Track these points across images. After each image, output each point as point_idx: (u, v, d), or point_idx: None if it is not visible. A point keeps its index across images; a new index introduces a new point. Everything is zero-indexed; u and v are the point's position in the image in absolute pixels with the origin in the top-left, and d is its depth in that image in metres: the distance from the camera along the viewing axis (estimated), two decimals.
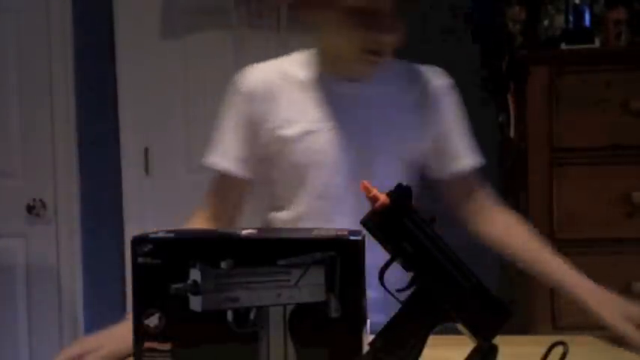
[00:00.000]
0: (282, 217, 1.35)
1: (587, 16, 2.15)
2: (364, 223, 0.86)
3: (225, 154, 1.34)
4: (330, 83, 1.30)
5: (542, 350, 0.90)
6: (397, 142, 1.30)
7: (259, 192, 1.37)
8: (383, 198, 0.86)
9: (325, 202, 1.28)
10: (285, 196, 1.33)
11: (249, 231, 0.96)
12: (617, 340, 1.15)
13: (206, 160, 1.38)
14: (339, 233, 0.92)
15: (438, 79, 1.36)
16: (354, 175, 1.25)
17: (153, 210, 2.74)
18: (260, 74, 1.33)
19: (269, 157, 1.32)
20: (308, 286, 0.89)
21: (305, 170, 1.28)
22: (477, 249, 1.59)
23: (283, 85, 1.30)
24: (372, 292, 0.90)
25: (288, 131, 1.28)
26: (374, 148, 1.28)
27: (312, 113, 1.28)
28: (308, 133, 1.27)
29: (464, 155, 1.37)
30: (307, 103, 1.28)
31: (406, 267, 0.87)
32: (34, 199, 2.77)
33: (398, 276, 0.87)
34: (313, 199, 1.28)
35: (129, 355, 0.96)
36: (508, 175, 2.38)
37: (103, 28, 2.76)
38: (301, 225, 1.30)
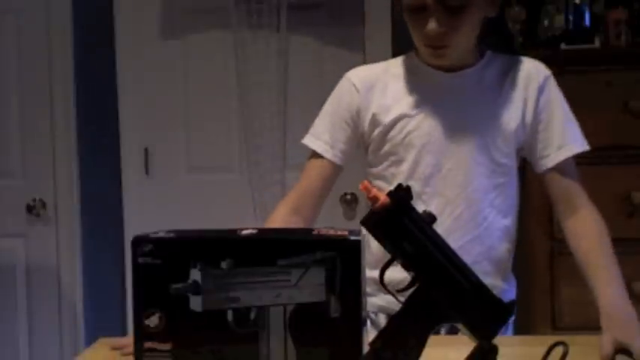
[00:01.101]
0: None
1: (587, 16, 2.15)
2: (364, 223, 0.86)
3: (328, 141, 1.40)
4: (427, 73, 1.37)
5: (542, 350, 0.90)
6: (488, 128, 1.34)
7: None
8: (383, 198, 0.86)
9: (415, 182, 1.33)
10: (380, 177, 1.39)
11: (249, 231, 0.96)
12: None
13: (307, 142, 1.42)
14: (339, 233, 0.93)
15: (535, 70, 1.39)
16: (443, 157, 1.33)
17: (153, 210, 2.74)
18: (365, 70, 1.43)
19: (369, 143, 1.39)
20: (308, 286, 0.89)
21: (398, 151, 1.35)
22: None
23: (384, 78, 1.39)
24: None
25: (386, 117, 1.36)
26: (464, 133, 1.33)
27: (408, 100, 1.36)
28: (402, 117, 1.35)
29: (556, 148, 1.38)
30: (404, 91, 1.37)
31: (406, 267, 0.87)
32: (34, 199, 2.77)
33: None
34: (404, 178, 1.34)
35: None
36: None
37: (103, 28, 2.76)
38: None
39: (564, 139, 1.39)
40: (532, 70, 1.38)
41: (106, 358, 1.17)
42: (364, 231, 0.88)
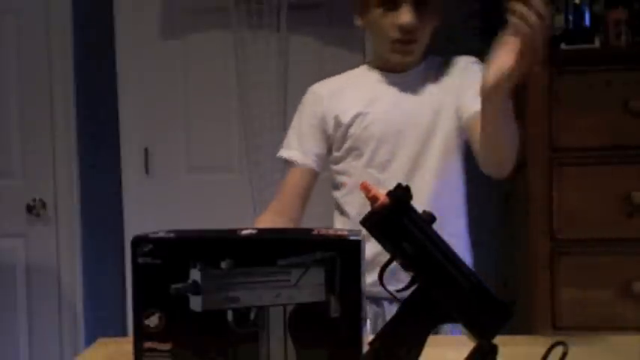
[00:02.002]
0: (341, 193, 1.56)
1: (587, 16, 2.15)
2: (364, 223, 0.86)
3: (298, 149, 1.56)
4: (378, 75, 1.55)
5: (542, 350, 0.90)
6: (434, 116, 1.48)
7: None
8: (383, 198, 0.86)
9: (373, 169, 1.49)
10: (343, 172, 1.55)
11: (249, 231, 0.96)
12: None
13: (281, 153, 1.59)
14: (339, 233, 0.93)
15: (466, 60, 1.54)
16: (398, 146, 1.49)
17: (153, 210, 2.74)
18: (326, 82, 1.62)
19: (334, 143, 1.55)
20: (308, 286, 0.89)
21: (358, 145, 1.51)
22: (477, 249, 1.60)
23: (343, 86, 1.57)
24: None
25: (346, 117, 1.52)
26: (414, 122, 1.49)
27: (363, 100, 1.52)
28: (359, 115, 1.51)
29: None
30: (360, 93, 1.54)
31: (406, 267, 0.87)
32: (34, 199, 2.77)
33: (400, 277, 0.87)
34: (365, 167, 1.50)
35: None
36: (508, 174, 2.38)
37: (103, 28, 2.76)
38: (354, 193, 1.50)
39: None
40: (464, 61, 1.54)
41: (106, 358, 1.17)
42: (364, 231, 0.88)
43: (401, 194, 0.87)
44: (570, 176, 2.10)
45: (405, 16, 1.41)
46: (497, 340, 0.86)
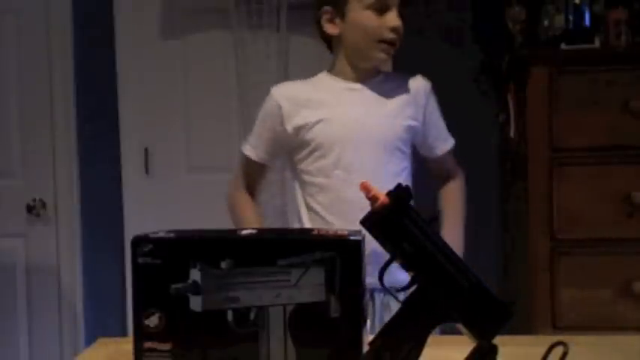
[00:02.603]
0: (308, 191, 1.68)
1: (587, 16, 2.15)
2: (364, 223, 0.86)
3: (255, 147, 1.71)
4: (338, 84, 1.66)
5: (542, 350, 0.90)
6: (390, 125, 1.63)
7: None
8: (383, 198, 0.86)
9: (340, 171, 1.60)
10: (307, 172, 1.65)
11: (249, 231, 0.96)
12: None
13: (242, 148, 1.74)
14: (339, 233, 0.93)
15: (421, 82, 1.69)
16: (360, 149, 1.60)
17: (153, 210, 2.73)
18: (288, 86, 1.74)
19: (294, 146, 1.65)
20: (308, 286, 0.89)
21: (322, 148, 1.62)
22: (478, 249, 1.60)
23: (305, 91, 1.68)
24: None
25: (308, 121, 1.62)
26: (374, 128, 1.62)
27: (326, 106, 1.63)
28: (321, 120, 1.61)
29: (443, 141, 1.73)
30: (322, 100, 1.65)
31: (406, 267, 0.87)
32: (34, 199, 2.77)
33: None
34: (331, 169, 1.61)
35: None
36: (508, 175, 2.38)
37: (103, 28, 2.76)
38: (324, 192, 1.63)
39: (446, 135, 1.73)
40: (419, 82, 1.69)
41: (106, 358, 1.17)
42: (364, 231, 0.88)
43: (401, 194, 0.87)
44: (570, 176, 2.10)
45: (396, 19, 1.55)
46: (497, 340, 0.86)
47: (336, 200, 1.60)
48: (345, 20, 1.60)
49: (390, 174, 1.59)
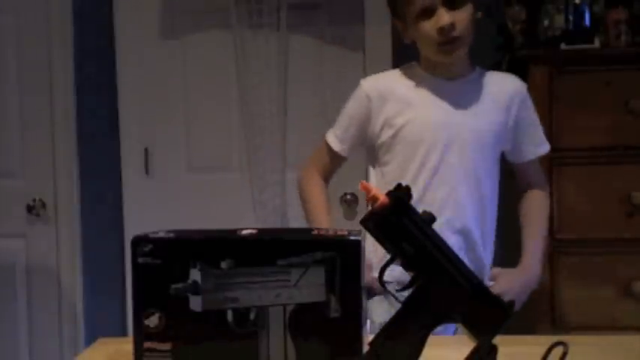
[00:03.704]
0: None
1: (587, 16, 2.15)
2: (364, 223, 0.86)
3: (341, 140, 1.68)
4: (430, 81, 1.62)
5: (542, 350, 0.90)
6: (481, 128, 1.60)
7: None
8: (383, 198, 0.86)
9: (427, 172, 1.58)
10: (395, 173, 1.61)
11: (249, 231, 0.96)
12: None
13: (327, 136, 1.70)
14: (338, 233, 0.93)
15: (518, 85, 1.67)
16: (447, 152, 1.58)
17: (153, 210, 2.73)
18: (377, 79, 1.68)
19: (381, 145, 1.63)
20: (308, 286, 0.89)
21: (408, 149, 1.59)
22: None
23: (394, 86, 1.64)
24: None
25: (397, 120, 1.60)
26: (464, 131, 1.59)
27: (416, 105, 1.60)
28: (412, 119, 1.59)
29: (533, 146, 1.69)
30: (412, 97, 1.61)
31: (406, 267, 0.87)
32: (34, 199, 2.77)
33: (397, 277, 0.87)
34: (415, 171, 1.58)
35: None
36: (508, 175, 2.38)
37: (103, 28, 2.76)
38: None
39: (540, 140, 1.70)
40: (516, 84, 1.67)
41: (106, 358, 1.17)
42: (364, 231, 0.88)
43: (401, 194, 0.87)
44: (570, 176, 2.10)
45: (442, 18, 1.50)
46: (497, 340, 0.86)
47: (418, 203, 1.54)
48: (406, 34, 1.62)
49: (480, 178, 1.59)
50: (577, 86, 2.09)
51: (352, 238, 0.90)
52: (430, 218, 0.88)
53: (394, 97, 1.61)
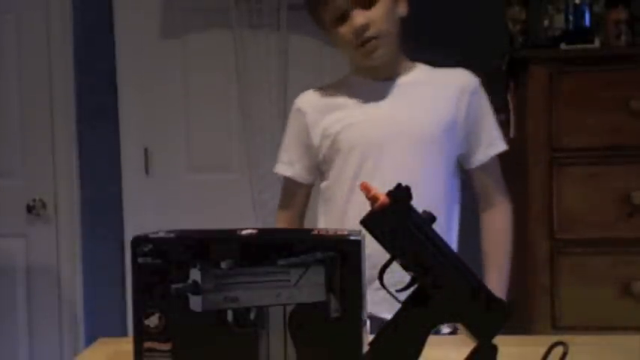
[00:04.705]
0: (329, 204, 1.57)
1: (587, 16, 2.15)
2: (364, 223, 0.86)
3: (290, 164, 1.60)
4: (362, 83, 1.54)
5: (542, 350, 0.90)
6: (423, 128, 1.49)
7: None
8: (383, 198, 0.86)
9: (364, 178, 1.43)
10: (331, 186, 1.54)
11: (249, 231, 0.96)
12: None
13: (276, 169, 1.63)
14: (339, 233, 0.93)
15: (466, 77, 1.55)
16: (385, 155, 1.47)
17: (153, 210, 2.74)
18: (310, 93, 1.60)
19: (324, 157, 1.55)
20: (308, 286, 0.89)
21: (345, 156, 1.50)
22: (478, 249, 1.60)
23: (328, 97, 1.57)
24: None
25: (333, 128, 1.52)
26: (402, 132, 1.48)
27: (350, 111, 1.52)
28: (347, 125, 1.51)
29: (485, 147, 1.56)
30: (346, 104, 1.53)
31: (406, 267, 0.87)
32: (34, 199, 2.77)
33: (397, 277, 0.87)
34: (351, 178, 1.48)
35: None
36: (508, 175, 2.38)
37: (103, 28, 2.76)
38: (349, 202, 1.50)
39: (492, 139, 1.56)
40: (464, 78, 1.55)
41: (106, 358, 1.17)
42: (364, 231, 0.88)
43: (401, 194, 0.87)
44: (570, 176, 2.10)
45: (355, 20, 1.43)
46: (497, 340, 0.86)
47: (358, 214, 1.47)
48: (332, 40, 1.53)
49: (423, 181, 1.40)
50: (577, 86, 2.09)
51: (352, 238, 0.90)
52: (430, 218, 0.88)
53: (328, 107, 1.54)
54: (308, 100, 1.58)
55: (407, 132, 1.48)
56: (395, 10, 1.47)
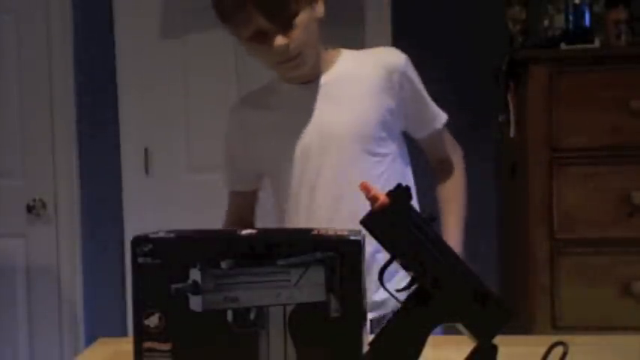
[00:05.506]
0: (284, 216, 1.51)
1: (587, 16, 2.15)
2: (364, 223, 0.86)
3: (229, 178, 1.58)
4: (287, 89, 1.47)
5: (542, 350, 0.90)
6: (358, 123, 1.42)
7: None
8: (383, 198, 0.86)
9: (304, 189, 1.43)
10: (281, 198, 1.49)
11: (249, 231, 0.96)
12: None
13: (221, 182, 1.59)
14: (339, 233, 0.92)
15: (393, 56, 1.47)
16: (324, 159, 1.41)
17: (153, 210, 2.74)
18: (241, 103, 1.58)
19: (262, 170, 1.52)
20: (308, 286, 0.89)
21: (281, 167, 1.45)
22: (478, 249, 1.60)
23: (253, 109, 1.51)
24: None
25: (262, 140, 1.47)
26: (336, 133, 1.41)
27: (278, 118, 1.46)
28: (275, 135, 1.45)
29: (430, 120, 1.52)
30: (273, 112, 1.47)
31: (406, 267, 0.87)
32: (34, 199, 2.77)
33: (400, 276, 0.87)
34: (295, 189, 1.44)
35: None
36: (508, 175, 2.38)
37: (103, 28, 2.76)
38: (291, 216, 1.47)
39: (434, 112, 1.52)
40: (390, 57, 1.47)
41: (106, 358, 1.17)
42: (364, 231, 0.88)
43: (401, 194, 0.87)
44: (570, 176, 2.10)
45: (277, 40, 1.32)
46: (497, 340, 0.86)
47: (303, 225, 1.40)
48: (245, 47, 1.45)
49: (370, 176, 1.35)
50: (577, 86, 2.09)
51: (352, 238, 0.90)
52: (430, 218, 0.88)
53: (254, 122, 1.48)
54: (239, 111, 1.54)
55: (341, 132, 1.40)
56: (313, 16, 1.38)
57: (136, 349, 0.93)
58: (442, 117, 1.53)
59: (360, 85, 1.43)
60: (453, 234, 1.50)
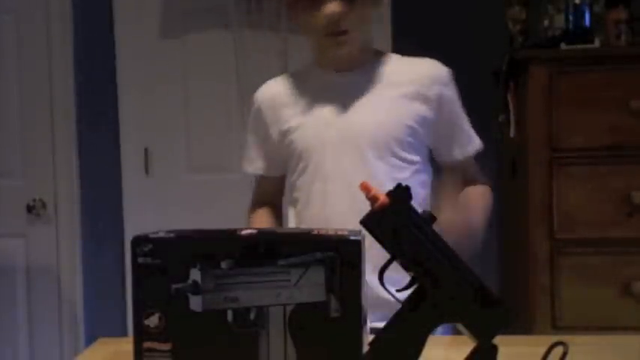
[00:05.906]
0: (295, 209, 1.49)
1: (587, 16, 2.15)
2: (364, 223, 0.86)
3: (252, 160, 1.54)
4: (321, 76, 1.45)
5: (542, 350, 0.90)
6: (384, 124, 1.39)
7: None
8: (383, 198, 0.86)
9: (321, 183, 1.40)
10: (294, 185, 1.47)
11: (249, 231, 0.96)
12: None
13: (241, 167, 1.58)
14: (339, 233, 0.92)
15: (435, 69, 1.44)
16: (342, 155, 1.38)
17: (153, 210, 2.74)
18: (267, 88, 1.52)
19: (283, 155, 1.47)
20: (308, 286, 0.89)
21: (302, 156, 1.42)
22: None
23: (286, 90, 1.47)
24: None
25: (288, 125, 1.44)
26: (360, 129, 1.38)
27: (306, 104, 1.43)
28: (302, 123, 1.42)
29: (463, 144, 1.46)
30: (302, 96, 1.44)
31: (406, 267, 0.87)
32: (34, 199, 2.77)
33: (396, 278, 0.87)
34: (311, 182, 1.42)
35: None
36: (508, 175, 2.38)
37: (103, 28, 2.76)
38: (306, 208, 1.43)
39: (467, 139, 1.46)
40: (434, 71, 1.43)
41: (106, 358, 1.17)
42: (364, 231, 0.88)
43: (401, 194, 0.87)
44: (570, 176, 2.10)
45: (329, 7, 1.32)
46: (497, 340, 0.86)
47: (316, 219, 1.38)
48: (295, 22, 1.44)
49: (382, 185, 1.23)
50: (577, 86, 2.09)
51: (352, 238, 0.90)
52: (430, 218, 0.88)
53: (284, 101, 1.45)
54: (264, 96, 1.50)
55: (362, 132, 1.37)
56: (374, 9, 1.40)
57: (136, 349, 0.93)
58: (476, 144, 1.46)
59: (396, 88, 1.40)
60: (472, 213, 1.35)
